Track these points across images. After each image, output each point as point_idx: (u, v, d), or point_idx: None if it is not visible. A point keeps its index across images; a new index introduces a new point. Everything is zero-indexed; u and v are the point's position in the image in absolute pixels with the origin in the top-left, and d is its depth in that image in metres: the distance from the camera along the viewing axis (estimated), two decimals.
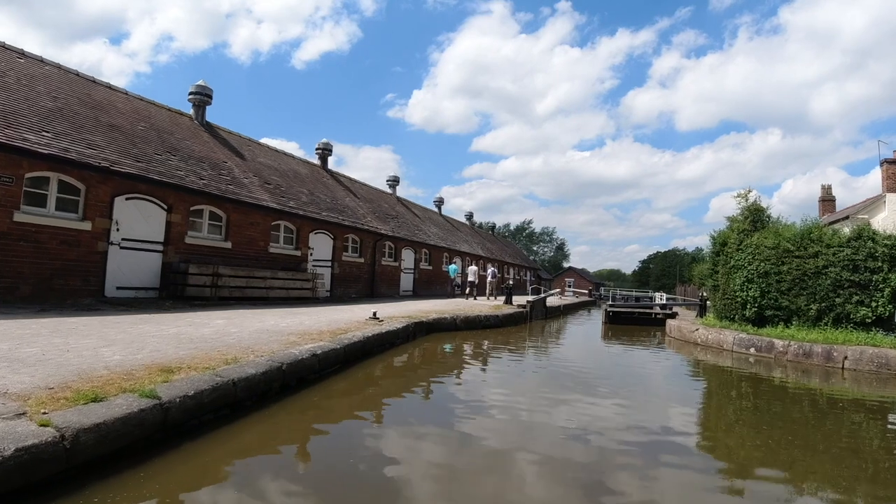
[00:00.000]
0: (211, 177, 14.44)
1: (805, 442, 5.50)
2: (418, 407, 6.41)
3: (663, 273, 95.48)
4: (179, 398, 4.46)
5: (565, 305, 28.96)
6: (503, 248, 48.93)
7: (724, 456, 5.02)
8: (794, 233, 13.11)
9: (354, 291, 19.51)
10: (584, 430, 5.39)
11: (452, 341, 12.47)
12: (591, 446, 4.92)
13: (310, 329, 9.20)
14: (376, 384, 7.57)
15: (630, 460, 4.61)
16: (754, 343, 12.39)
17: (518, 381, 8.34)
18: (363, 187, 26.18)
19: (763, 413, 6.96)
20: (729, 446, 5.38)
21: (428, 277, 26.55)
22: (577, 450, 4.82)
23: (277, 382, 6.01)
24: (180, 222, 13.39)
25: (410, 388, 7.37)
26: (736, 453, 5.10)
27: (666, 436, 5.44)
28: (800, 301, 12.75)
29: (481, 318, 15.00)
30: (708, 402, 7.86)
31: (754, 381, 9.49)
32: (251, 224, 15.06)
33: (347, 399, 6.43)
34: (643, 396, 7.54)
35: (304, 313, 11.97)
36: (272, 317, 10.80)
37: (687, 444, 5.26)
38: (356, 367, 8.11)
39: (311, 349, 7.12)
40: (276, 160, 19.54)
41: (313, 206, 17.81)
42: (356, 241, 20.04)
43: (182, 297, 12.71)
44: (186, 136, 16.24)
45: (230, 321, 9.66)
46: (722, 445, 5.45)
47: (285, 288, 14.99)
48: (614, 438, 5.17)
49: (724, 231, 15.08)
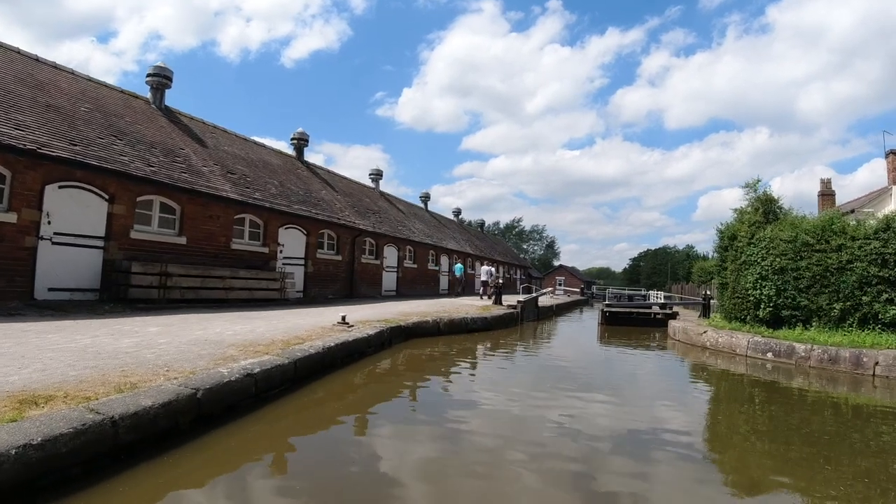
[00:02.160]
0: (162, 164, 12.84)
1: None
2: (382, 454, 4.93)
3: (654, 271, 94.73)
4: (17, 449, 3.02)
5: (558, 305, 27.61)
6: (492, 245, 47.53)
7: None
8: (814, 224, 11.79)
9: (331, 292, 17.97)
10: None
11: (434, 348, 11.01)
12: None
13: (260, 338, 7.70)
14: (330, 409, 6.07)
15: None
16: (772, 347, 11.06)
17: (514, 411, 6.89)
18: (342, 180, 24.59)
19: (819, 440, 5.58)
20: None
21: (413, 276, 25.03)
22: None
23: (189, 415, 4.52)
24: (125, 214, 11.79)
25: (374, 427, 5.89)
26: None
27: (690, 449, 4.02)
28: (821, 300, 11.44)
29: (468, 320, 13.55)
30: (752, 431, 6.47)
31: (783, 392, 8.13)
32: (210, 217, 13.48)
33: (287, 433, 4.94)
34: (683, 418, 6.14)
35: (263, 318, 10.44)
36: (222, 323, 9.27)
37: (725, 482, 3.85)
38: (314, 385, 6.64)
39: (247, 367, 5.62)
40: (244, 149, 17.93)
41: (283, 198, 16.23)
42: (332, 238, 18.47)
43: (125, 299, 11.13)
44: (139, 119, 14.61)
45: (166, 329, 8.13)
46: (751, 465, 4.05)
47: (248, 288, 13.43)
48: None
49: (733, 224, 13.76)
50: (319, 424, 5.39)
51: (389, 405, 6.38)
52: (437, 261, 28.39)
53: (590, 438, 5.09)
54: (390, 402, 6.54)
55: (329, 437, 5.04)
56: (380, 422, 5.57)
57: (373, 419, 5.65)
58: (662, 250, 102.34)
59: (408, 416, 6.00)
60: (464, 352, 11.00)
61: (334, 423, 5.49)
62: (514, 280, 44.03)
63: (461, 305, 17.96)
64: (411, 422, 5.67)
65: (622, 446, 4.94)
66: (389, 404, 6.43)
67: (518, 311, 17.32)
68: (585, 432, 5.28)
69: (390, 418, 5.75)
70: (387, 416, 5.83)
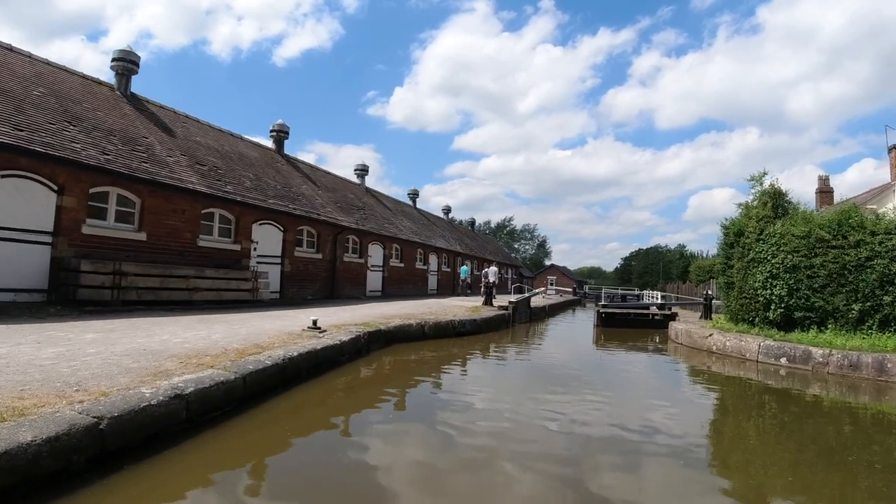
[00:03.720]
0: (120, 153, 11.71)
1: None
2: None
3: (645, 270, 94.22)
4: None
5: (550, 306, 26.69)
6: (483, 244, 46.56)
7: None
8: (830, 218, 10.92)
9: (311, 292, 16.87)
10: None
11: (418, 354, 10.00)
12: None
13: (211, 347, 6.65)
14: (280, 433, 5.03)
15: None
16: (786, 352, 10.17)
17: (510, 438, 5.88)
18: (325, 175, 23.45)
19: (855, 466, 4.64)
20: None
21: (400, 276, 23.96)
22: None
23: (86, 452, 3.53)
24: (76, 207, 10.66)
25: (337, 457, 4.87)
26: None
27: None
28: (837, 300, 10.57)
29: (455, 323, 12.54)
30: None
31: (815, 407, 7.21)
32: (174, 211, 12.36)
33: (218, 467, 3.90)
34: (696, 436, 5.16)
35: (226, 321, 9.37)
36: (175, 328, 8.19)
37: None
38: (270, 403, 5.61)
39: (178, 386, 4.58)
40: (218, 140, 16.79)
41: (258, 192, 15.12)
42: (312, 234, 17.36)
43: (74, 300, 10.02)
44: (100, 106, 13.45)
45: (105, 336, 7.06)
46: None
47: (216, 289, 12.32)
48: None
49: (739, 219, 12.86)
50: (271, 450, 4.37)
51: (355, 429, 5.36)
52: (425, 260, 27.35)
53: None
54: (356, 426, 5.52)
55: (274, 472, 4.02)
56: (342, 455, 4.54)
57: (333, 448, 4.63)
58: (654, 250, 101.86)
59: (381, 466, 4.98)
60: (450, 358, 10.00)
61: (284, 450, 4.48)
62: (506, 280, 43.09)
63: (449, 306, 16.96)
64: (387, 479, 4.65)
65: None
66: (355, 428, 5.41)
67: (509, 312, 16.35)
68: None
69: (356, 450, 4.73)
70: (353, 450, 4.81)
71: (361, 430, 5.28)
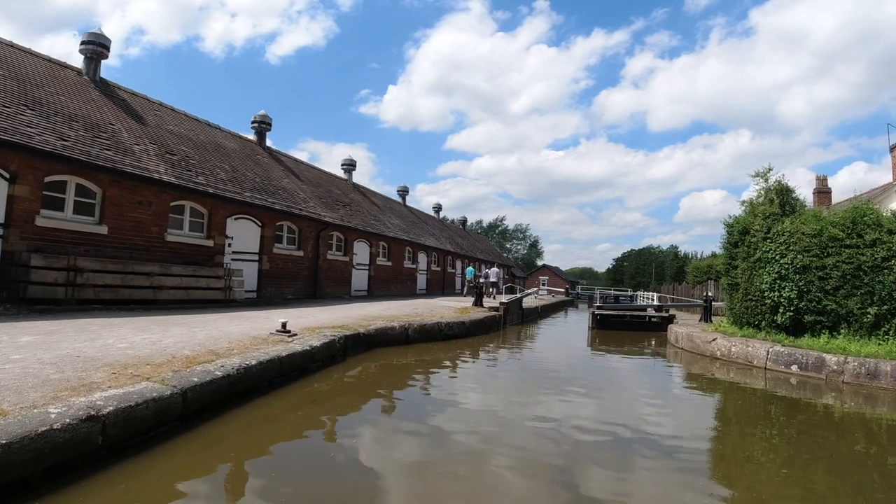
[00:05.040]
0: (80, 139, 10.80)
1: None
2: None
3: (637, 271, 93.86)
4: None
5: (543, 307, 25.95)
6: (474, 243, 45.78)
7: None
8: (843, 215, 10.23)
9: (291, 292, 15.98)
10: None
11: (399, 360, 9.19)
12: None
13: (158, 354, 5.80)
14: (224, 459, 4.20)
15: None
16: (797, 359, 9.45)
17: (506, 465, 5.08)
18: (310, 170, 22.53)
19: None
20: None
21: (387, 275, 23.10)
22: None
23: None
24: (29, 197, 9.74)
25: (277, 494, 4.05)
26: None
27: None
28: (851, 303, 9.88)
29: (442, 326, 11.73)
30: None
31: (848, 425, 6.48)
32: (139, 203, 11.45)
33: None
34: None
35: (187, 324, 8.50)
36: (125, 330, 7.33)
37: None
38: (219, 421, 4.79)
39: (95, 405, 3.76)
40: (193, 129, 15.86)
41: (234, 184, 14.21)
42: (293, 230, 16.45)
43: (25, 298, 9.12)
44: (65, 90, 12.51)
45: (43, 339, 6.20)
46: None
47: (184, 287, 11.42)
48: None
49: (744, 216, 12.15)
50: (197, 480, 3.54)
51: (313, 455, 4.54)
52: (414, 258, 26.51)
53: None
54: (317, 451, 4.70)
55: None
56: (286, 485, 3.71)
57: (281, 480, 3.80)
58: (646, 250, 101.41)
59: (338, 475, 4.17)
60: (435, 364, 9.21)
61: (208, 473, 3.65)
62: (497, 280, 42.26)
63: (437, 307, 16.15)
64: (339, 487, 3.83)
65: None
66: (315, 454, 4.59)
67: (500, 313, 15.56)
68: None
69: (303, 479, 3.91)
70: (299, 479, 3.99)
71: (314, 455, 4.47)
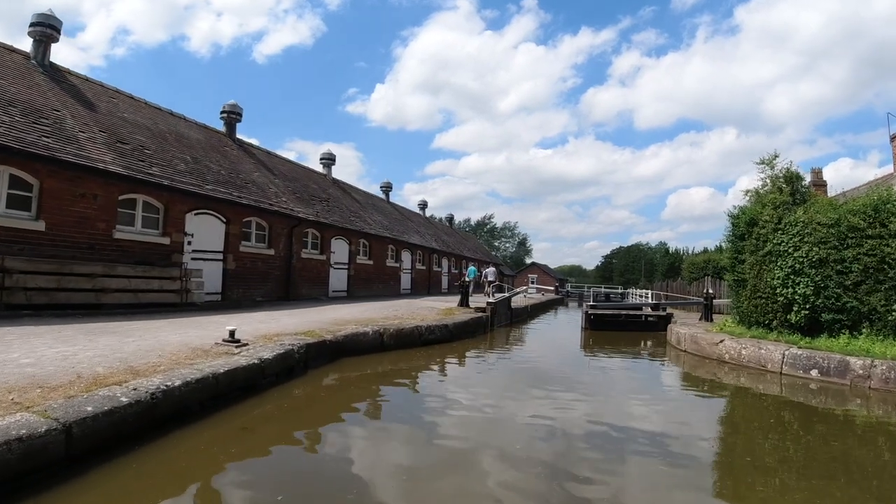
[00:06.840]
0: (15, 125, 9.51)
1: None
2: None
3: (627, 268, 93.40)
4: None
5: (532, 306, 24.92)
6: (461, 241, 44.65)
7: None
8: (864, 203, 9.27)
9: (261, 293, 14.74)
10: None
11: (369, 370, 8.05)
12: None
13: (63, 372, 4.61)
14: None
15: None
16: (817, 363, 8.46)
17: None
18: (285, 164, 21.22)
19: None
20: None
21: (367, 275, 21.88)
22: None
23: None
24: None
25: None
26: None
27: None
28: (874, 300, 8.92)
29: (422, 330, 10.60)
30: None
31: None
32: (83, 196, 10.17)
33: None
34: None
35: (120, 332, 7.27)
36: (42, 341, 6.10)
37: None
38: (123, 462, 3.62)
39: None
40: (152, 118, 14.55)
41: (194, 176, 12.94)
42: (263, 227, 15.19)
43: None
44: (5, 74, 11.16)
45: None
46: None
47: (133, 290, 10.17)
48: None
49: (751, 206, 11.17)
50: None
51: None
52: (397, 256, 25.30)
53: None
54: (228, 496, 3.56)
55: None
56: None
57: None
58: (635, 247, 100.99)
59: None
60: (408, 374, 8.08)
61: None
62: (485, 279, 41.19)
63: (420, 309, 15.02)
64: None
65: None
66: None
67: (487, 315, 14.47)
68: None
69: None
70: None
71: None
